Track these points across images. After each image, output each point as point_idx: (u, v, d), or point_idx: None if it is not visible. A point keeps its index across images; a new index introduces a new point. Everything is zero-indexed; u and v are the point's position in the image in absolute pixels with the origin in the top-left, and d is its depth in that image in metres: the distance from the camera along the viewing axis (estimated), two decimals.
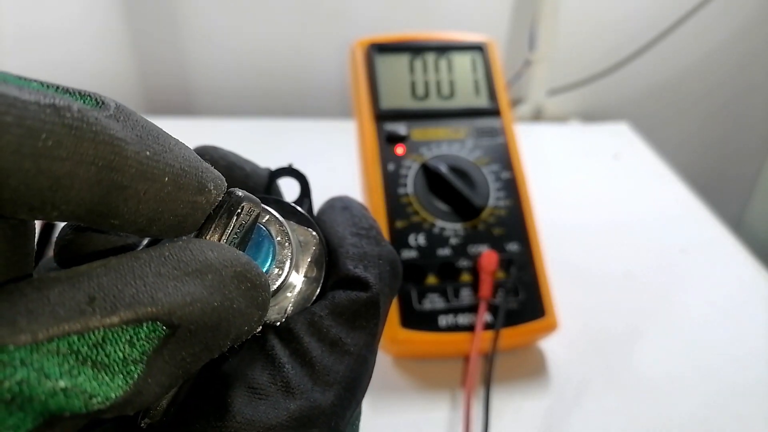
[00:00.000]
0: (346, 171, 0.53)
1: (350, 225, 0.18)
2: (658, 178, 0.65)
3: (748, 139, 0.91)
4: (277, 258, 0.16)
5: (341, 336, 0.16)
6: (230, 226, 0.15)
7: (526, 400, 0.38)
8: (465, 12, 0.79)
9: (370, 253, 0.17)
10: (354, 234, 0.18)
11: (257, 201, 0.15)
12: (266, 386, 0.15)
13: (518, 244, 0.40)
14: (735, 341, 0.43)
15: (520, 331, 0.38)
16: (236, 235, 0.15)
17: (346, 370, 0.16)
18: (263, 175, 0.20)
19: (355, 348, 0.16)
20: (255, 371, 0.15)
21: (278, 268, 0.16)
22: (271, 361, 0.15)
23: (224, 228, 0.15)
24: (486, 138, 0.44)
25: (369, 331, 0.17)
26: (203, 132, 0.72)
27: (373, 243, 0.18)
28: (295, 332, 0.16)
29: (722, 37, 0.83)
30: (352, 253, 0.17)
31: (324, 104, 0.83)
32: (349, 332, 0.16)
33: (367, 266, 0.17)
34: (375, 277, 0.17)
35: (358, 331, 0.16)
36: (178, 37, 0.79)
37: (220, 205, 0.15)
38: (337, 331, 0.16)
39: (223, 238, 0.15)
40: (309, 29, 0.79)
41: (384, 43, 0.45)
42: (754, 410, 0.38)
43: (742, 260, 0.51)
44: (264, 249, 0.16)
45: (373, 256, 0.17)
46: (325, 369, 0.16)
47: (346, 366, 0.16)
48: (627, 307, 0.46)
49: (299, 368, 0.15)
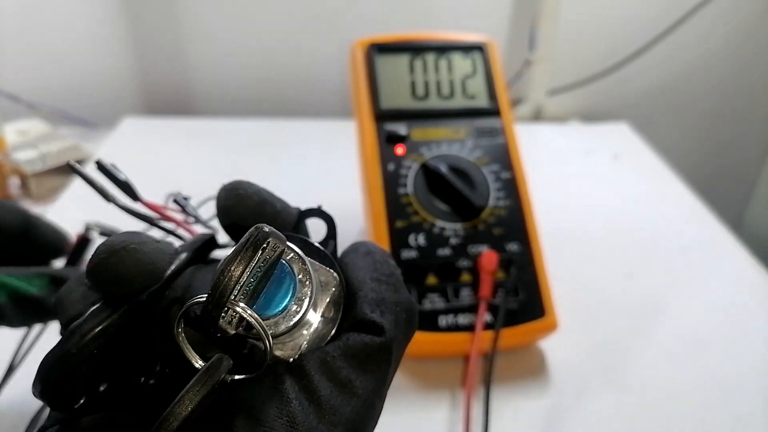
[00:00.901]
0: (346, 171, 0.53)
1: (371, 270, 0.18)
2: (658, 178, 0.65)
3: (748, 139, 0.90)
4: (296, 295, 0.17)
5: (351, 378, 0.16)
6: (254, 259, 0.15)
7: (526, 400, 0.38)
8: (465, 12, 0.79)
9: (388, 299, 0.18)
10: (374, 279, 0.18)
11: (283, 238, 0.16)
12: (271, 420, 0.15)
13: (518, 244, 0.40)
14: (735, 341, 0.43)
15: (520, 331, 0.38)
16: (260, 269, 0.15)
17: (352, 412, 0.16)
18: (293, 214, 0.21)
19: (363, 391, 0.16)
20: (262, 404, 0.15)
21: (297, 305, 0.17)
22: (279, 396, 0.15)
23: (249, 261, 0.15)
24: (486, 138, 0.44)
25: (379, 377, 0.17)
26: (203, 132, 0.72)
27: (392, 289, 0.18)
28: (306, 369, 0.16)
29: (722, 37, 0.83)
30: (370, 298, 0.18)
31: (324, 104, 0.83)
32: (360, 375, 0.16)
33: (383, 312, 0.17)
34: (390, 323, 0.17)
35: (369, 375, 0.17)
36: (178, 37, 0.79)
37: (247, 238, 0.16)
38: (348, 373, 0.16)
39: (246, 271, 0.15)
40: (309, 29, 0.79)
41: (384, 43, 0.45)
42: (754, 410, 0.38)
43: (742, 260, 0.51)
44: (285, 285, 0.17)
45: (391, 302, 0.18)
46: (332, 409, 0.16)
47: (352, 408, 0.16)
48: (627, 306, 0.46)
49: (306, 405, 0.15)
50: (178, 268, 0.18)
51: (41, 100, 0.73)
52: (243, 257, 0.15)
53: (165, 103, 0.83)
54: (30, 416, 0.35)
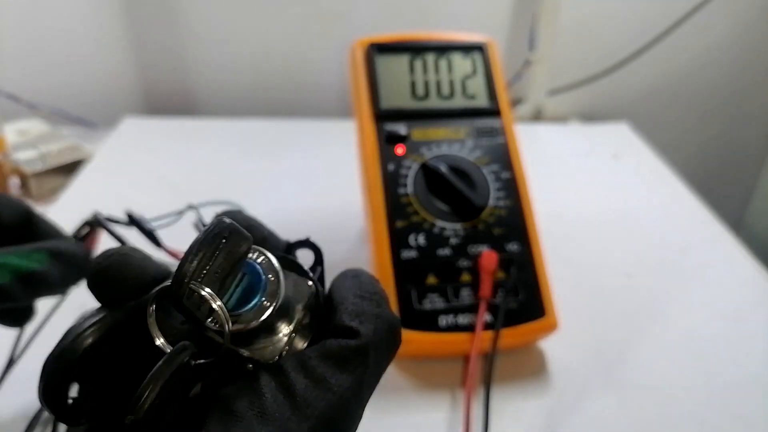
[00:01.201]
0: (346, 171, 0.53)
1: (356, 288, 0.19)
2: (658, 178, 0.65)
3: (748, 139, 0.90)
4: (267, 291, 0.17)
5: (326, 375, 0.17)
6: (218, 247, 0.16)
7: (526, 400, 0.38)
8: (465, 12, 0.79)
9: (368, 311, 0.18)
10: (357, 295, 0.19)
11: (246, 234, 0.17)
12: (243, 411, 0.16)
13: (518, 244, 0.40)
14: (735, 341, 0.43)
15: (520, 331, 0.38)
16: (225, 259, 0.16)
17: (326, 406, 0.16)
18: (281, 243, 0.22)
19: (338, 389, 0.17)
20: (236, 397, 0.16)
21: (268, 301, 0.17)
22: (254, 390, 0.16)
23: (210, 247, 0.16)
24: (486, 138, 0.44)
25: (356, 377, 0.17)
26: (203, 132, 0.72)
27: (374, 305, 0.19)
28: (283, 367, 0.17)
29: (722, 37, 0.83)
30: (350, 310, 0.18)
31: (324, 104, 0.83)
32: (335, 373, 0.17)
33: (362, 321, 0.18)
34: (368, 330, 0.18)
35: (345, 375, 0.17)
36: (178, 37, 0.79)
37: (210, 227, 0.16)
38: (323, 371, 0.17)
39: (208, 255, 0.16)
40: (309, 29, 0.79)
41: (384, 43, 0.45)
42: (754, 410, 0.38)
43: (742, 260, 0.51)
44: (255, 282, 0.18)
45: (371, 314, 0.18)
46: (305, 402, 0.16)
47: (326, 403, 0.16)
48: (627, 307, 0.46)
49: (281, 398, 0.16)
50: (162, 287, 0.18)
51: (41, 100, 0.74)
52: (204, 243, 0.16)
53: (165, 103, 0.83)
54: (29, 417, 0.35)
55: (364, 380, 0.18)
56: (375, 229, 0.40)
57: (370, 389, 0.18)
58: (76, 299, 0.44)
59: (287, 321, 0.18)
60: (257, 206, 0.55)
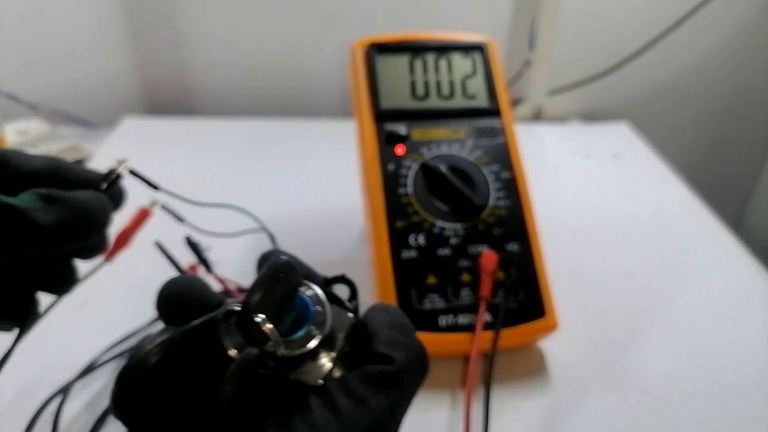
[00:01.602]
0: (346, 171, 0.53)
1: (387, 320, 0.22)
2: (658, 178, 0.65)
3: (748, 139, 0.90)
4: (315, 321, 0.20)
5: (366, 396, 0.19)
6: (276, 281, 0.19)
7: (526, 400, 0.38)
8: (465, 12, 0.79)
9: (400, 341, 0.21)
10: (388, 326, 0.21)
11: (300, 272, 0.20)
12: (296, 424, 0.18)
13: (518, 244, 0.40)
14: (735, 341, 0.43)
15: (520, 331, 0.38)
16: (279, 291, 0.19)
17: (367, 424, 0.19)
18: (319, 278, 0.24)
19: (377, 408, 0.19)
20: (290, 413, 0.19)
21: (316, 331, 0.20)
22: (304, 407, 0.19)
23: (269, 282, 0.19)
24: (486, 138, 0.44)
25: (392, 398, 0.19)
26: (203, 132, 0.72)
27: (405, 335, 0.21)
28: (328, 389, 0.19)
29: (722, 37, 0.83)
30: (384, 339, 0.21)
31: (324, 104, 0.83)
32: (374, 395, 0.19)
33: (396, 350, 0.20)
34: (402, 357, 0.20)
35: (382, 396, 0.19)
36: (178, 37, 0.79)
37: (270, 264, 0.20)
38: (364, 392, 0.19)
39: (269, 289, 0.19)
40: (309, 29, 0.79)
41: (384, 43, 0.45)
42: (754, 410, 0.38)
43: (742, 260, 0.51)
44: (305, 313, 0.20)
45: (403, 344, 0.21)
46: (349, 418, 0.19)
47: (367, 421, 0.19)
48: (627, 306, 0.46)
49: (327, 414, 0.19)
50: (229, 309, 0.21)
51: (41, 100, 0.73)
52: (266, 278, 0.19)
53: (165, 103, 0.83)
54: (29, 416, 0.35)
55: (399, 401, 0.20)
56: (375, 229, 0.40)
57: (404, 410, 0.20)
58: (76, 298, 0.44)
59: (330, 348, 0.20)
60: (257, 206, 0.56)
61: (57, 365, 0.38)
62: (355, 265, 0.50)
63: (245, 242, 0.46)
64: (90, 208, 0.25)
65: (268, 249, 0.24)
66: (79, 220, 0.24)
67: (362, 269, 0.46)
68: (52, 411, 0.35)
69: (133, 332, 0.41)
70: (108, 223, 0.26)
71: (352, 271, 0.24)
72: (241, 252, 0.45)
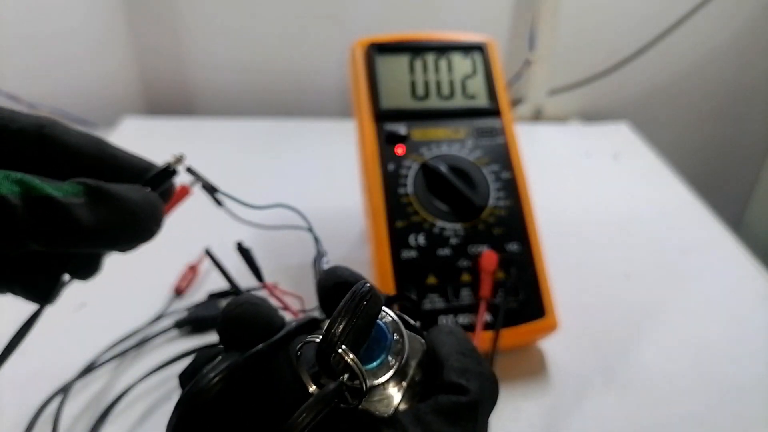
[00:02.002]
0: (346, 171, 0.53)
1: (456, 345, 0.21)
2: (658, 178, 0.65)
3: (748, 139, 0.90)
4: (392, 350, 0.19)
5: (442, 430, 0.18)
6: (359, 307, 0.18)
7: (526, 400, 0.38)
8: (465, 12, 0.79)
9: (472, 369, 0.20)
10: (459, 352, 0.20)
11: (380, 295, 0.19)
12: None
13: (518, 244, 0.40)
14: (734, 340, 0.43)
15: (520, 331, 0.38)
16: (362, 320, 0.18)
17: None
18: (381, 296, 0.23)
19: None
20: None
21: (392, 359, 0.19)
22: None
23: (354, 309, 0.18)
24: (486, 138, 0.44)
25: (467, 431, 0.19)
26: (203, 132, 0.72)
27: (476, 362, 0.20)
28: (402, 422, 0.18)
29: (722, 37, 0.83)
30: (456, 367, 0.20)
31: (324, 104, 0.83)
32: (449, 428, 0.18)
33: (469, 378, 0.20)
34: (476, 387, 0.19)
35: (457, 429, 0.18)
36: (178, 38, 0.79)
37: (354, 290, 0.19)
38: (438, 426, 0.18)
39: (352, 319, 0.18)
40: (309, 29, 0.79)
41: (384, 43, 0.45)
42: (754, 410, 0.38)
43: (742, 260, 0.51)
44: (382, 340, 0.19)
45: (475, 372, 0.20)
46: None
47: None
48: (627, 307, 0.46)
49: None
50: (293, 329, 0.21)
51: (41, 100, 0.73)
52: (349, 306, 0.18)
53: (165, 103, 0.83)
54: (30, 416, 0.35)
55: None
56: (375, 229, 0.40)
57: None
58: (76, 298, 0.44)
59: (402, 377, 0.19)
60: None
61: (57, 365, 0.38)
62: (355, 265, 0.50)
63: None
64: (140, 212, 0.22)
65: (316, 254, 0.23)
66: (126, 224, 0.21)
67: (362, 269, 0.46)
68: (52, 411, 0.35)
69: (133, 332, 0.41)
70: (157, 230, 0.23)
71: None
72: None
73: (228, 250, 0.48)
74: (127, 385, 0.37)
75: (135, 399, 0.37)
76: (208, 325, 0.42)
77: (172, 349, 0.40)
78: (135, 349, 0.40)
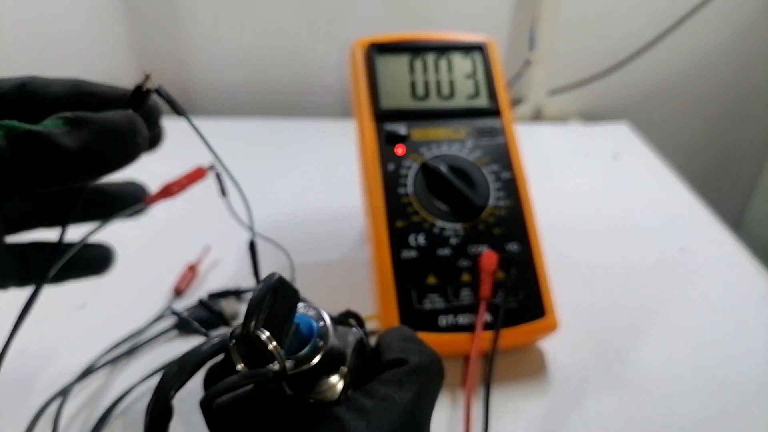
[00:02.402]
0: (346, 171, 0.53)
1: (398, 335, 0.23)
2: (658, 178, 0.65)
3: (748, 139, 0.90)
4: (319, 334, 0.21)
5: (390, 393, 0.20)
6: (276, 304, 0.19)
7: (526, 400, 0.38)
8: (465, 12, 0.79)
9: (412, 348, 0.22)
10: (400, 339, 0.22)
11: (296, 288, 0.20)
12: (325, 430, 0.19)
13: (518, 244, 0.40)
14: (735, 341, 0.43)
15: (520, 331, 0.38)
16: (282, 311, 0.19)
17: (395, 416, 0.19)
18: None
19: (401, 401, 0.20)
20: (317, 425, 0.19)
21: (321, 341, 0.20)
22: (332, 415, 0.19)
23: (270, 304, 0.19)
24: (486, 138, 0.44)
25: (414, 393, 0.20)
26: (203, 132, 0.72)
27: (417, 345, 0.22)
28: (351, 396, 0.20)
29: (722, 37, 0.83)
30: (396, 348, 0.22)
31: (324, 104, 0.83)
32: (396, 391, 0.20)
33: (409, 354, 0.21)
34: (415, 358, 0.21)
35: (404, 391, 0.20)
36: (178, 37, 0.79)
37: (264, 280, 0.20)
38: (386, 390, 0.20)
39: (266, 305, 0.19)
40: (309, 29, 0.79)
41: (384, 43, 0.45)
42: (754, 410, 0.38)
43: (742, 260, 0.51)
44: (307, 329, 0.21)
45: (415, 349, 0.22)
46: (377, 416, 0.19)
47: (395, 413, 0.19)
48: (627, 307, 0.46)
49: (355, 416, 0.19)
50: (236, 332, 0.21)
51: None
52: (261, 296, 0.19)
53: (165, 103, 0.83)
54: (30, 418, 0.35)
55: (421, 395, 0.20)
56: (375, 229, 0.40)
57: (429, 406, 0.21)
58: (76, 298, 0.44)
59: (341, 364, 0.21)
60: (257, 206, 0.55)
61: (57, 366, 0.38)
62: (355, 265, 0.50)
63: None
64: (120, 128, 0.23)
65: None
66: (109, 141, 0.22)
67: (362, 269, 0.46)
68: (52, 412, 0.35)
69: (133, 333, 0.41)
70: (143, 145, 0.24)
71: (352, 271, 0.24)
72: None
73: (228, 249, 0.48)
74: (128, 387, 0.37)
75: (135, 400, 0.37)
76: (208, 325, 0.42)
77: (173, 350, 0.40)
78: (135, 351, 0.40)
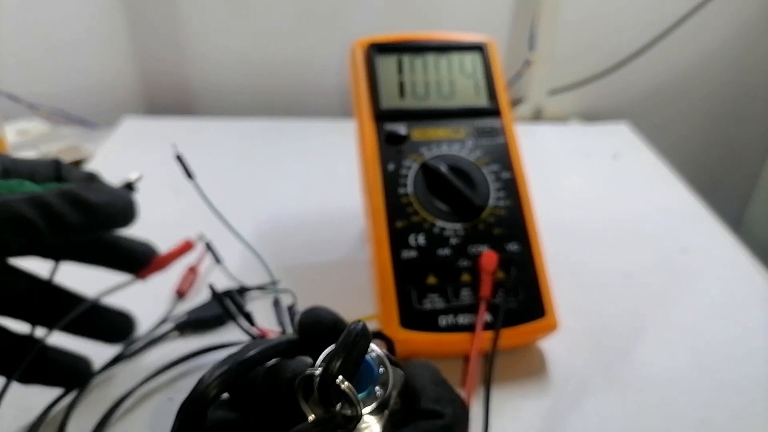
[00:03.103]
0: (346, 171, 0.53)
1: (429, 376, 0.24)
2: (658, 178, 0.65)
3: (748, 139, 0.91)
4: (379, 381, 0.22)
5: None
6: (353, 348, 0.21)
7: (526, 400, 0.38)
8: (465, 12, 0.79)
9: (446, 396, 0.23)
10: (433, 383, 0.23)
11: (369, 335, 0.22)
12: None
13: (518, 244, 0.40)
14: (735, 341, 0.43)
15: (520, 331, 0.38)
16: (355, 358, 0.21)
17: None
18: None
19: None
20: None
21: (379, 389, 0.21)
22: None
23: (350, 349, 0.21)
24: (486, 138, 0.44)
25: None
26: (203, 132, 0.72)
27: (449, 391, 0.23)
28: None
29: (722, 37, 0.83)
30: (432, 396, 0.22)
31: (324, 104, 0.83)
32: None
33: (444, 405, 0.22)
34: (450, 412, 0.22)
35: None
36: (178, 37, 0.79)
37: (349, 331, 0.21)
38: None
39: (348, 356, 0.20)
40: (309, 29, 0.79)
41: (384, 43, 0.45)
42: (754, 410, 0.38)
43: (742, 260, 0.51)
44: (369, 373, 0.22)
45: (449, 399, 0.23)
46: None
47: None
48: (627, 306, 0.46)
49: None
50: (276, 344, 0.23)
51: (41, 100, 0.74)
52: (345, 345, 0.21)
53: (165, 103, 0.83)
54: (30, 420, 0.35)
55: None
56: (375, 229, 0.40)
57: None
58: None
59: (384, 406, 0.21)
60: (257, 206, 0.56)
61: None
62: (355, 265, 0.50)
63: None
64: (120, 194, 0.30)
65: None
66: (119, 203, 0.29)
67: (362, 269, 0.46)
68: (55, 415, 0.35)
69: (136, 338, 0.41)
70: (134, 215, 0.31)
71: (352, 271, 0.24)
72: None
73: (228, 249, 0.48)
74: (128, 388, 0.37)
75: (136, 401, 0.37)
76: (209, 326, 0.42)
77: (173, 351, 0.40)
78: (138, 353, 0.40)
